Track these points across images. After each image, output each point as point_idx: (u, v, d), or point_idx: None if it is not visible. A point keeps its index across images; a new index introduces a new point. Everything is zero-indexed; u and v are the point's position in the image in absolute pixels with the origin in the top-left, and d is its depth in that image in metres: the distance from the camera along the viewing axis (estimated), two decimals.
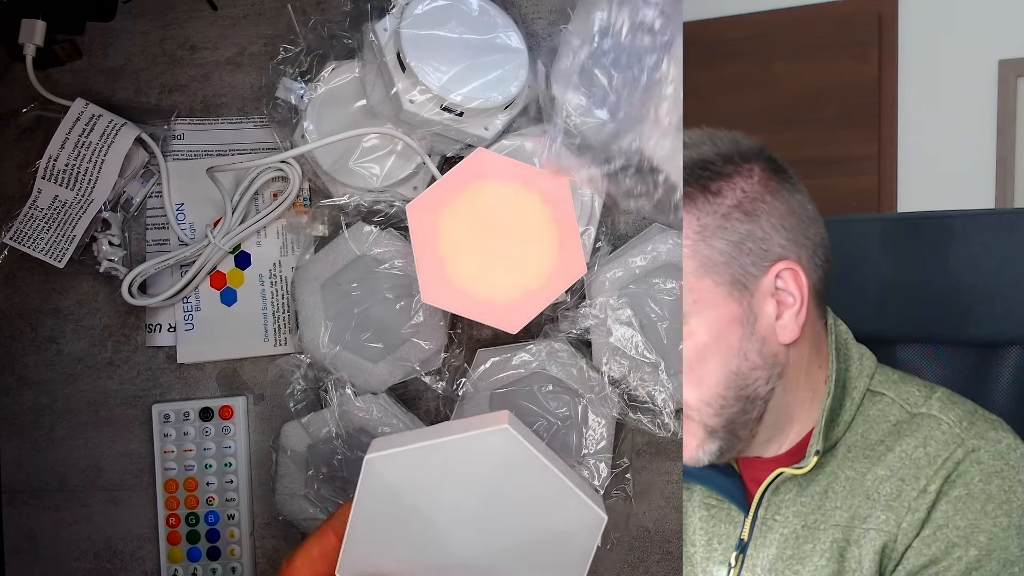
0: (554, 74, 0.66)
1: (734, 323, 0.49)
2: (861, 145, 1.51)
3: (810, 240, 0.50)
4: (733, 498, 0.53)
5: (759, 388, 0.49)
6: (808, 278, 0.49)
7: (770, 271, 0.49)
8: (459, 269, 0.58)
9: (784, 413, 0.51)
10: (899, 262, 0.63)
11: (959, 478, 0.47)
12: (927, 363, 0.64)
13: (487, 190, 0.60)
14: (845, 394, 0.51)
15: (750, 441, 0.51)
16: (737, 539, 0.52)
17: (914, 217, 0.64)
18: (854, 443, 0.50)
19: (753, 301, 0.49)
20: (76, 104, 0.70)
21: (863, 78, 1.49)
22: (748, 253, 0.48)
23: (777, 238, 0.49)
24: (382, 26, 0.64)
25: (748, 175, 0.49)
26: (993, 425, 0.49)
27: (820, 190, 0.51)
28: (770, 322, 0.49)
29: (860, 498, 0.49)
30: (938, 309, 0.62)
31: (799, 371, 0.51)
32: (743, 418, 0.50)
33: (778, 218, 0.49)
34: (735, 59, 1.57)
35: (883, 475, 0.49)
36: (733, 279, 0.48)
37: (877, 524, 0.48)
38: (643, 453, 0.70)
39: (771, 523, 0.51)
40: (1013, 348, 0.61)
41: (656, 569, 0.69)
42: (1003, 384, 0.61)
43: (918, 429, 0.49)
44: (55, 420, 0.73)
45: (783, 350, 0.50)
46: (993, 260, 0.60)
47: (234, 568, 0.71)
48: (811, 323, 0.50)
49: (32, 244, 0.69)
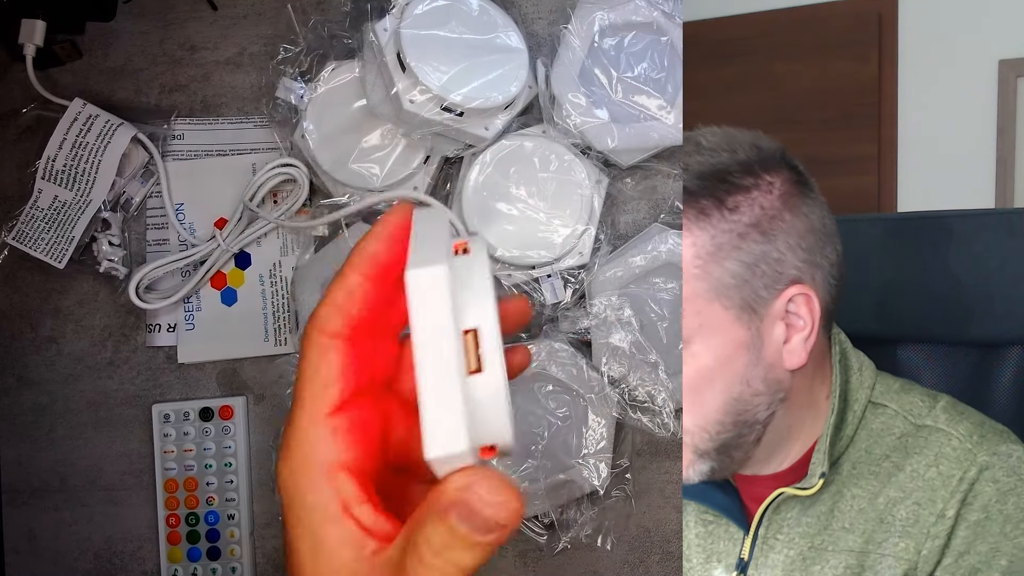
0: (554, 74, 0.66)
1: (740, 349, 0.45)
2: (861, 145, 1.50)
3: (827, 260, 0.47)
4: (731, 515, 0.51)
5: (759, 414, 0.47)
6: (821, 302, 0.46)
7: (782, 295, 0.45)
8: None
9: (785, 434, 0.49)
10: (899, 262, 0.63)
11: (975, 499, 0.46)
12: (927, 363, 0.64)
13: None
14: (847, 408, 0.49)
15: (745, 462, 0.49)
16: (737, 558, 0.50)
17: (914, 217, 0.64)
18: (858, 459, 0.48)
19: (762, 325, 0.45)
20: (74, 104, 0.70)
21: (863, 78, 1.49)
22: (761, 276, 0.45)
23: (793, 259, 0.45)
24: (382, 26, 0.64)
25: (768, 190, 0.45)
26: (1003, 438, 0.48)
27: (820, 190, 0.49)
28: (777, 347, 0.46)
29: (874, 522, 0.47)
30: (938, 309, 0.62)
31: (803, 392, 0.48)
32: (738, 441, 0.47)
33: (796, 238, 0.45)
34: (735, 59, 1.57)
35: (896, 497, 0.47)
36: (743, 303, 0.45)
37: (895, 551, 0.46)
38: (643, 453, 0.69)
39: (772, 543, 0.49)
40: (1013, 348, 0.61)
41: (656, 569, 0.69)
42: (1004, 384, 0.61)
43: (927, 445, 0.47)
44: (55, 420, 0.73)
45: (788, 375, 0.47)
46: (993, 260, 0.60)
47: (234, 568, 0.71)
48: (818, 344, 0.48)
49: (33, 244, 0.69)
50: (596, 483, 0.65)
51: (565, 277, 0.67)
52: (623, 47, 0.67)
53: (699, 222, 0.45)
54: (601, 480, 0.65)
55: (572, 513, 0.67)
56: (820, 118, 1.53)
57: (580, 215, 0.65)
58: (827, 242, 0.47)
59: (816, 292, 0.46)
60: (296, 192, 0.69)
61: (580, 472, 0.65)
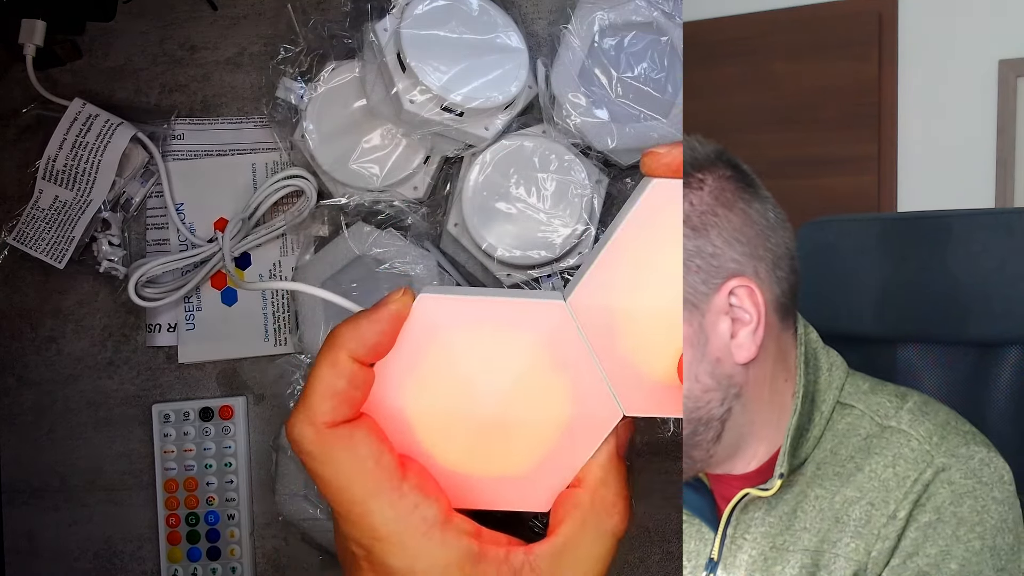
0: (554, 74, 0.66)
1: (684, 344, 0.45)
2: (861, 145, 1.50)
3: (771, 252, 0.46)
4: (703, 516, 0.51)
5: (713, 410, 0.46)
6: (766, 293, 0.46)
7: (722, 288, 0.45)
8: (449, 456, 0.41)
9: (746, 432, 0.48)
10: (899, 262, 0.63)
11: (928, 501, 0.45)
12: (926, 363, 0.64)
13: (454, 344, 0.41)
14: (814, 408, 0.48)
15: (708, 461, 0.48)
16: (708, 558, 0.50)
17: (914, 217, 0.64)
18: (823, 460, 0.48)
19: (704, 321, 0.46)
20: (74, 104, 0.70)
21: (863, 78, 1.49)
22: (697, 271, 0.45)
23: (730, 252, 0.45)
24: (382, 26, 0.64)
25: (699, 187, 0.46)
26: (966, 439, 0.47)
27: (820, 190, 0.49)
28: (724, 342, 0.46)
29: (830, 521, 0.47)
30: (937, 309, 0.62)
31: (761, 388, 0.48)
32: (694, 439, 0.47)
33: (731, 231, 0.45)
34: (735, 59, 1.57)
35: (852, 497, 0.47)
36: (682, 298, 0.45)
37: (847, 552, 0.46)
38: (643, 453, 0.70)
39: (740, 542, 0.49)
40: (1012, 348, 0.61)
41: (656, 569, 0.69)
42: (1002, 384, 0.61)
43: (887, 446, 0.47)
44: (55, 420, 0.73)
45: (740, 370, 0.47)
46: (992, 260, 0.60)
47: (234, 568, 0.71)
48: (773, 338, 0.47)
49: (34, 245, 0.69)
50: None
51: (565, 277, 0.67)
52: (623, 47, 0.67)
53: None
54: None
55: None
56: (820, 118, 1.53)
57: (580, 215, 0.65)
58: (771, 234, 0.47)
59: (759, 285, 0.46)
60: (303, 204, 0.69)
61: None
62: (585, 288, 0.40)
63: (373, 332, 0.38)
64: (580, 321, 0.40)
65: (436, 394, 0.40)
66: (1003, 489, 0.46)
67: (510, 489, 0.41)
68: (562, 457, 0.40)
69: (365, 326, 0.38)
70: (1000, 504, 0.45)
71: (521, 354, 0.40)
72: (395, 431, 0.39)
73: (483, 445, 0.40)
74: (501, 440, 0.40)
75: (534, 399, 0.40)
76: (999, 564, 0.44)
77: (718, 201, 0.46)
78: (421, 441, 0.40)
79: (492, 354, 0.40)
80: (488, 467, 0.40)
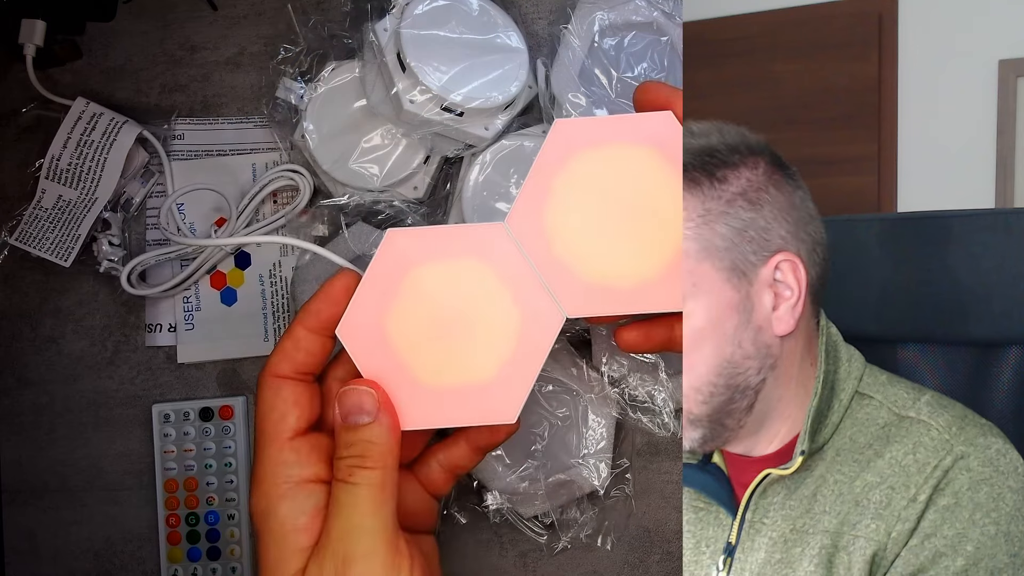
0: (554, 74, 0.66)
1: (731, 310, 0.48)
2: (861, 145, 1.51)
3: (810, 237, 0.50)
4: (721, 501, 0.53)
5: (750, 378, 0.49)
6: (807, 272, 0.49)
7: (770, 261, 0.49)
8: (424, 370, 0.46)
9: (773, 408, 0.51)
10: (898, 262, 0.63)
11: (947, 486, 0.47)
12: (926, 363, 0.64)
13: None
14: (833, 396, 0.51)
15: (737, 431, 0.51)
16: (725, 542, 0.52)
17: (914, 217, 0.64)
18: (842, 446, 0.50)
19: (752, 290, 0.49)
20: (77, 103, 0.70)
21: (863, 78, 1.50)
22: (750, 241, 0.48)
23: (778, 229, 0.49)
24: (382, 26, 0.64)
25: (754, 165, 0.49)
26: (983, 430, 0.49)
27: (820, 190, 0.51)
28: (767, 313, 0.49)
29: (849, 504, 0.49)
30: (937, 309, 0.62)
31: (792, 365, 0.50)
32: (730, 407, 0.49)
33: (780, 210, 0.49)
34: (735, 59, 1.57)
35: (873, 482, 0.49)
36: (733, 265, 0.48)
37: (867, 532, 0.48)
38: (643, 453, 0.70)
39: (759, 526, 0.51)
40: (1013, 348, 0.61)
41: (656, 569, 0.69)
42: (1003, 384, 0.61)
43: (907, 434, 0.49)
44: (55, 420, 0.73)
45: (777, 342, 0.50)
46: (992, 260, 0.60)
47: (234, 568, 0.71)
48: (806, 319, 0.50)
49: (38, 244, 0.69)
50: (596, 483, 0.65)
51: None
52: (623, 47, 0.67)
53: (690, 190, 0.49)
54: (601, 480, 0.65)
55: (572, 513, 0.67)
56: (820, 118, 1.53)
57: None
58: (809, 221, 0.50)
59: (802, 262, 0.49)
60: (297, 199, 0.69)
61: (580, 472, 0.65)
62: (520, 209, 0.46)
63: (325, 307, 0.45)
64: (519, 237, 0.45)
65: (407, 314, 0.45)
66: (1018, 479, 0.48)
67: (479, 399, 0.45)
68: (520, 361, 0.45)
69: (315, 303, 0.45)
70: (1015, 493, 0.47)
71: (472, 271, 0.46)
72: (376, 351, 0.45)
73: (451, 357, 0.45)
74: (466, 351, 0.45)
75: (488, 310, 0.46)
76: (1012, 550, 0.46)
77: (770, 181, 0.49)
78: (401, 359, 0.45)
79: (450, 273, 0.46)
80: (457, 377, 0.45)
